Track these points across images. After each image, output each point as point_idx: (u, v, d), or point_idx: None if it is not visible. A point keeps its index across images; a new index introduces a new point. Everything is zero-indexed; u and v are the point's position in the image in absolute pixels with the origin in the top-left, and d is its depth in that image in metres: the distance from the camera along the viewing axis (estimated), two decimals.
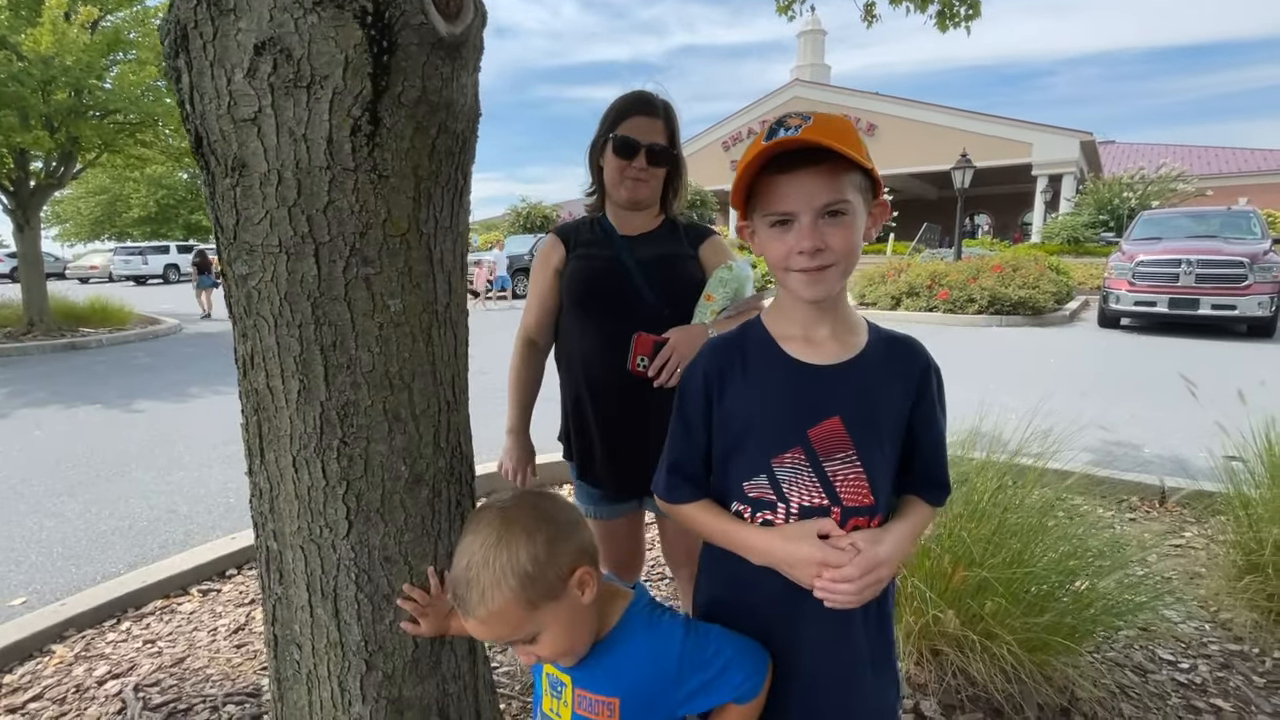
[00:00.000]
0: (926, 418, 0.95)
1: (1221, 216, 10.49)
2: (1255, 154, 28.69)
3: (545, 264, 1.57)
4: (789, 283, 0.89)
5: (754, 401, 0.93)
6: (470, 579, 0.82)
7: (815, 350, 0.93)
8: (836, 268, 0.87)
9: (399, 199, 0.96)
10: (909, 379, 0.94)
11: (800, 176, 0.84)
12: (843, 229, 0.85)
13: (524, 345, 1.61)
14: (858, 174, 0.86)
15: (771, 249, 0.89)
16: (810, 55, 29.65)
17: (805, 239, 0.84)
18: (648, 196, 1.49)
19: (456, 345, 1.11)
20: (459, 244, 1.10)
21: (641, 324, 1.41)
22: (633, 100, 1.48)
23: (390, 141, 0.94)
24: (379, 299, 0.97)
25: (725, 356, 0.96)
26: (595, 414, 1.49)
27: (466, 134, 1.05)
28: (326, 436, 0.99)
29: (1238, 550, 2.27)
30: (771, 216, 0.87)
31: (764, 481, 0.92)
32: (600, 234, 1.54)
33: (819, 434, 0.90)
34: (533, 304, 1.60)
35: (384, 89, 0.91)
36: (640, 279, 1.46)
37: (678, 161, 1.53)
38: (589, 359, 1.49)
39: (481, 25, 1.02)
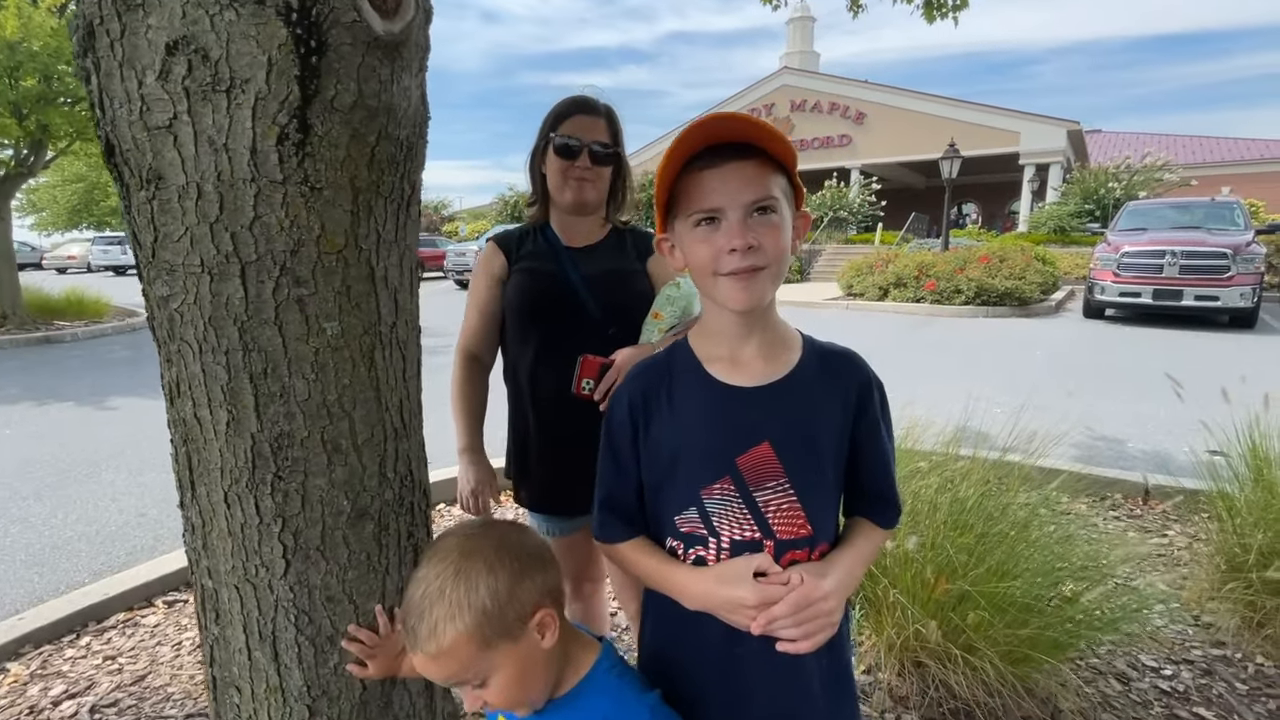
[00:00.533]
0: (869, 435, 0.90)
1: (1205, 207, 10.54)
2: (1239, 143, 28.92)
3: (486, 272, 1.49)
4: (718, 290, 0.82)
5: (679, 429, 0.87)
6: (422, 610, 0.76)
7: (742, 371, 0.87)
8: (768, 271, 0.81)
9: (334, 213, 0.88)
10: (847, 395, 0.88)
11: (727, 170, 0.79)
12: (773, 229, 0.80)
13: (466, 360, 1.52)
14: (783, 178, 0.82)
15: (697, 252, 0.82)
16: (799, 42, 29.43)
17: (736, 236, 0.78)
18: (594, 199, 1.42)
19: (405, 367, 1.04)
20: (407, 258, 1.02)
21: (586, 342, 1.35)
22: (572, 102, 1.41)
23: (323, 151, 0.86)
24: (314, 322, 0.90)
25: (650, 381, 0.91)
26: (537, 437, 1.43)
27: (412, 140, 0.97)
28: (259, 470, 0.91)
29: (1221, 554, 2.25)
30: (697, 214, 0.81)
31: (694, 515, 0.87)
32: (544, 245, 1.46)
33: (748, 462, 0.84)
34: (473, 315, 1.51)
35: (314, 93, 0.83)
36: (586, 295, 1.39)
37: (622, 163, 1.46)
38: (533, 377, 1.42)
39: (425, 22, 0.93)
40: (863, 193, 23.72)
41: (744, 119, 0.77)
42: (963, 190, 27.58)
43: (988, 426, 4.66)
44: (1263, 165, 26.56)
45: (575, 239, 1.46)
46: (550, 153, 1.39)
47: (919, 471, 2.46)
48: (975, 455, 2.63)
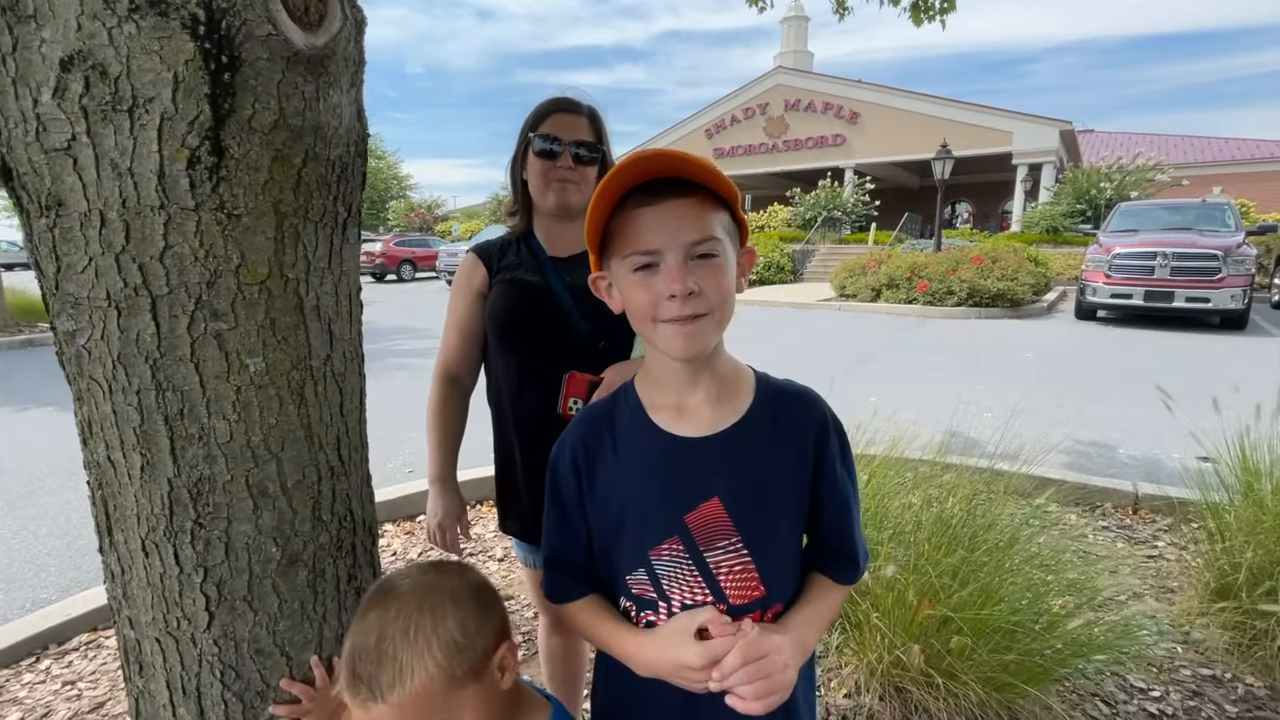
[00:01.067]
0: (828, 484, 0.83)
1: (1196, 208, 10.54)
2: (1230, 143, 29.04)
3: (466, 287, 1.40)
4: (658, 337, 0.77)
5: (624, 484, 0.82)
6: (383, 653, 0.68)
7: (688, 420, 0.81)
8: (710, 317, 0.75)
9: (255, 240, 0.82)
10: (804, 441, 0.82)
11: (665, 209, 0.73)
12: (715, 272, 0.74)
13: (444, 382, 1.43)
14: (724, 213, 0.76)
15: (634, 298, 0.76)
16: (793, 42, 29.38)
17: (675, 280, 0.72)
18: (578, 201, 1.33)
19: (343, 400, 0.97)
20: (344, 284, 0.96)
21: (573, 358, 1.28)
22: (552, 102, 1.33)
23: (240, 175, 0.79)
24: (234, 358, 0.83)
25: (593, 431, 0.85)
26: (523, 460, 1.35)
27: (346, 160, 0.91)
28: (178, 518, 0.84)
29: (1210, 571, 2.20)
30: (634, 257, 0.75)
31: (643, 576, 0.81)
32: (527, 255, 1.37)
33: (697, 520, 0.78)
34: (452, 333, 1.42)
35: (228, 113, 0.76)
36: (572, 308, 1.30)
37: (607, 164, 1.37)
38: (516, 398, 1.34)
39: (356, 34, 0.87)
40: (856, 192, 23.71)
41: (679, 155, 0.71)
42: (956, 190, 27.62)
43: (977, 432, 4.63)
44: (1254, 165, 26.69)
45: (560, 248, 1.37)
46: (530, 155, 1.31)
47: (904, 486, 2.41)
48: (963, 465, 2.58)
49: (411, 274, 21.44)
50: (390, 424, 5.02)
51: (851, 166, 24.90)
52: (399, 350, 8.42)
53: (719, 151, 27.62)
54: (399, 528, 3.36)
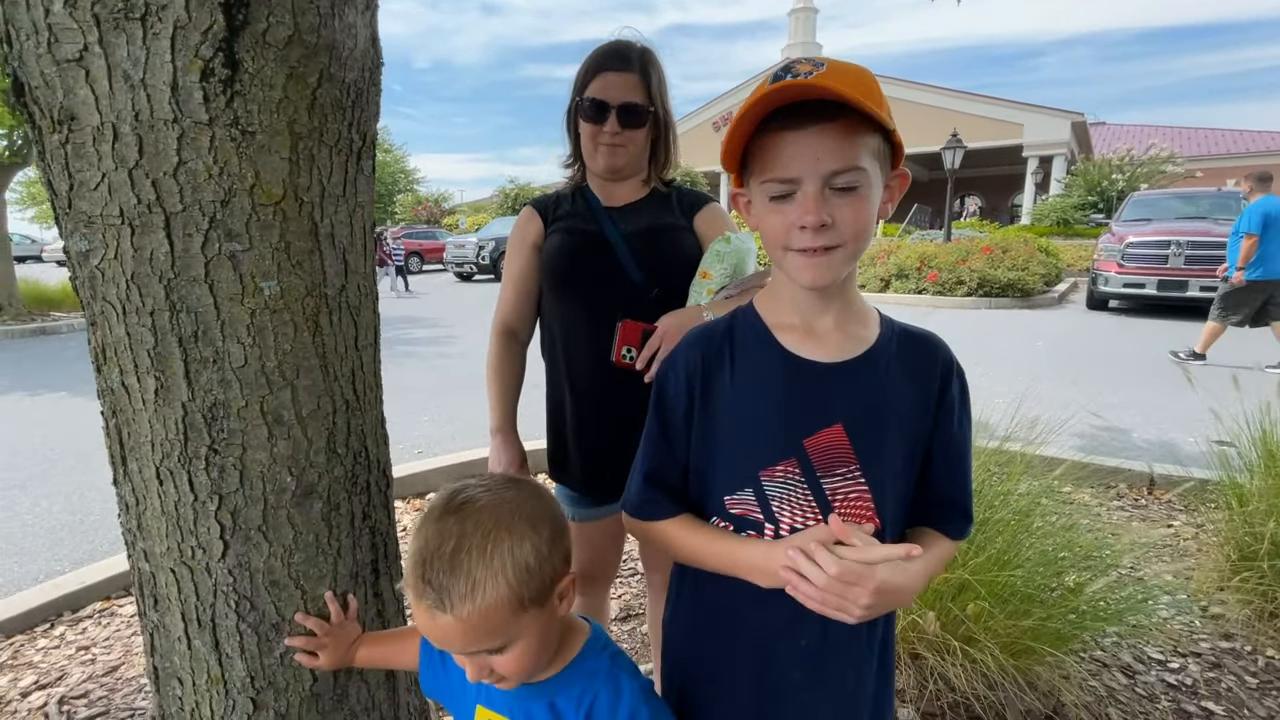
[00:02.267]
0: (946, 430, 0.80)
1: (1211, 198, 10.39)
2: (1244, 135, 28.65)
3: (521, 240, 1.39)
4: (787, 264, 0.75)
5: (742, 403, 0.79)
6: (457, 565, 0.66)
7: (816, 344, 0.78)
8: (844, 249, 0.72)
9: (270, 160, 0.81)
10: (928, 382, 0.79)
11: (807, 135, 0.68)
12: (854, 203, 0.70)
13: (501, 336, 1.42)
14: (876, 137, 0.71)
15: (769, 223, 0.74)
16: (801, 34, 29.16)
17: (809, 212, 0.69)
18: (627, 164, 1.31)
19: (358, 334, 0.96)
20: (358, 215, 0.94)
21: (627, 306, 1.25)
22: (602, 54, 1.28)
23: (255, 90, 0.78)
24: (249, 281, 0.82)
25: (709, 348, 0.82)
26: (574, 410, 1.34)
27: (361, 85, 0.89)
28: (192, 443, 0.83)
29: (1231, 544, 2.17)
30: (771, 184, 0.72)
31: (750, 497, 0.78)
32: (581, 205, 1.36)
33: (817, 444, 0.76)
34: (508, 288, 1.42)
35: (242, 24, 0.75)
36: (626, 255, 1.28)
37: (659, 120, 1.33)
38: (570, 347, 1.32)
39: None
40: None
41: (826, 84, 0.65)
42: (966, 183, 27.40)
43: (989, 415, 4.59)
44: (1269, 158, 26.29)
45: (614, 198, 1.36)
46: (579, 116, 1.30)
47: None
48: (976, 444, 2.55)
49: (419, 266, 21.47)
50: (399, 409, 5.02)
51: None
52: (407, 339, 8.44)
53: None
54: (409, 504, 3.37)
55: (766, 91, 0.68)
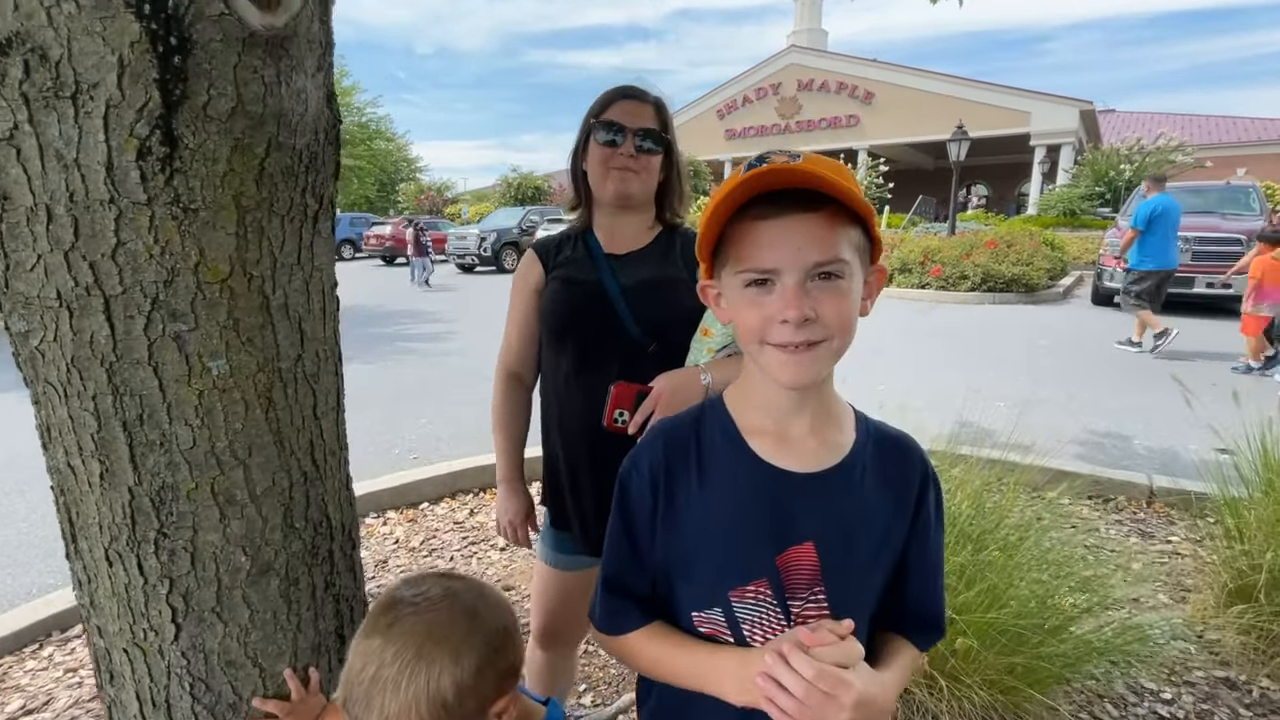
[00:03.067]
0: (921, 542, 0.76)
1: (1219, 191, 10.25)
2: (1256, 123, 28.21)
3: (524, 284, 1.36)
4: (764, 360, 0.69)
5: (710, 513, 0.73)
6: (370, 696, 0.65)
7: (790, 451, 0.73)
8: (828, 345, 0.67)
9: (215, 236, 0.77)
10: (904, 492, 0.75)
11: (788, 224, 0.64)
12: (837, 296, 0.66)
13: (506, 380, 1.40)
14: (856, 230, 0.67)
15: (744, 315, 0.69)
16: (807, 20, 28.79)
17: (790, 305, 0.64)
18: (639, 191, 1.27)
19: (317, 403, 0.93)
20: (315, 280, 0.91)
21: (624, 360, 1.22)
22: (617, 90, 1.27)
23: (197, 166, 0.74)
24: (196, 361, 0.79)
25: (676, 447, 0.76)
26: (566, 467, 1.31)
27: (314, 148, 0.85)
28: (140, 527, 0.81)
29: (1228, 570, 2.14)
30: (747, 274, 0.67)
31: (719, 617, 0.73)
32: (582, 252, 1.32)
33: (788, 562, 0.71)
34: (512, 331, 1.39)
35: (180, 99, 0.71)
36: (624, 308, 1.24)
37: (673, 155, 1.30)
38: (563, 400, 1.29)
39: (320, 12, 0.81)
40: (870, 174, 23.35)
41: (810, 170, 0.62)
42: (972, 172, 27.12)
43: (989, 422, 4.56)
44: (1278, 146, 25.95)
45: (618, 244, 1.32)
46: (592, 143, 1.25)
47: None
48: (973, 457, 2.52)
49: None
50: (398, 409, 5.02)
51: (865, 148, 24.50)
52: (408, 335, 8.42)
53: (730, 133, 27.26)
54: (402, 515, 3.35)
55: (747, 176, 0.63)
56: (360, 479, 3.61)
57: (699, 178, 25.68)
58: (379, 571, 2.75)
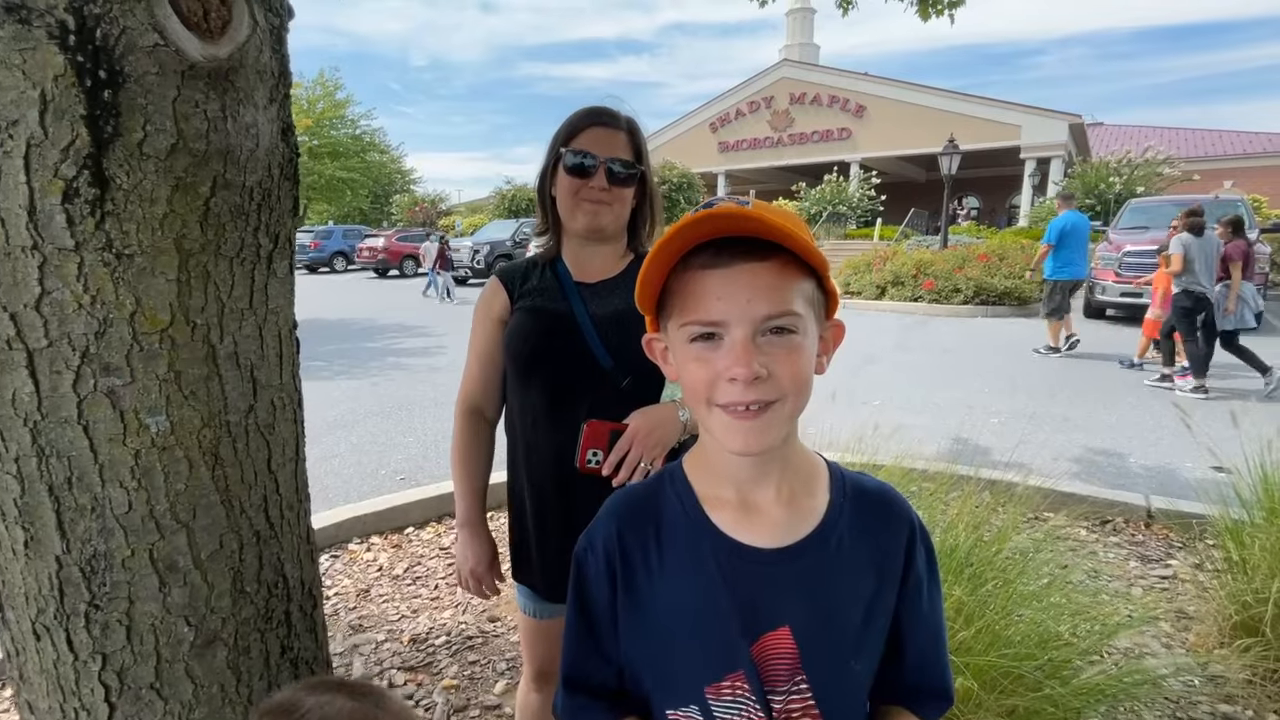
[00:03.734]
0: (914, 609, 0.69)
1: (1208, 205, 10.31)
2: (1241, 136, 28.59)
3: (487, 313, 1.28)
4: (713, 424, 0.62)
5: (674, 601, 0.66)
6: None
7: (756, 524, 0.66)
8: (781, 406, 0.60)
9: (154, 283, 0.71)
10: (890, 556, 0.68)
11: (736, 274, 0.59)
12: (790, 352, 0.60)
13: (467, 416, 1.30)
14: (810, 283, 0.61)
15: (690, 372, 0.62)
16: (799, 34, 29.04)
17: (739, 361, 0.58)
18: (611, 223, 1.21)
19: (271, 456, 0.86)
20: (270, 324, 0.85)
21: (595, 394, 1.15)
22: (587, 113, 1.20)
23: (132, 208, 0.68)
24: (132, 418, 0.72)
25: (633, 527, 0.69)
26: (534, 509, 1.23)
27: (268, 185, 0.79)
28: (69, 599, 0.74)
29: (1233, 602, 2.08)
30: (692, 326, 0.61)
31: (696, 715, 0.67)
32: (550, 281, 1.25)
33: (763, 651, 0.64)
34: (474, 364, 1.30)
35: (112, 137, 0.65)
36: (595, 339, 1.17)
37: (647, 184, 1.24)
38: (530, 438, 1.21)
39: (272, 41, 0.75)
40: (862, 187, 23.47)
41: (756, 214, 0.56)
42: (964, 184, 27.33)
43: (985, 439, 4.52)
44: (1266, 159, 26.25)
45: (589, 273, 1.25)
46: (560, 171, 1.18)
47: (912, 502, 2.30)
48: (971, 478, 2.47)
49: (414, 269, 21.35)
50: (386, 427, 4.94)
51: (857, 160, 24.64)
52: (397, 349, 8.33)
53: (723, 145, 27.39)
54: (386, 540, 3.27)
55: (689, 220, 0.58)
56: (345, 501, 3.54)
57: (693, 190, 25.75)
58: (360, 601, 2.66)
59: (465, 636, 2.36)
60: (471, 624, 2.44)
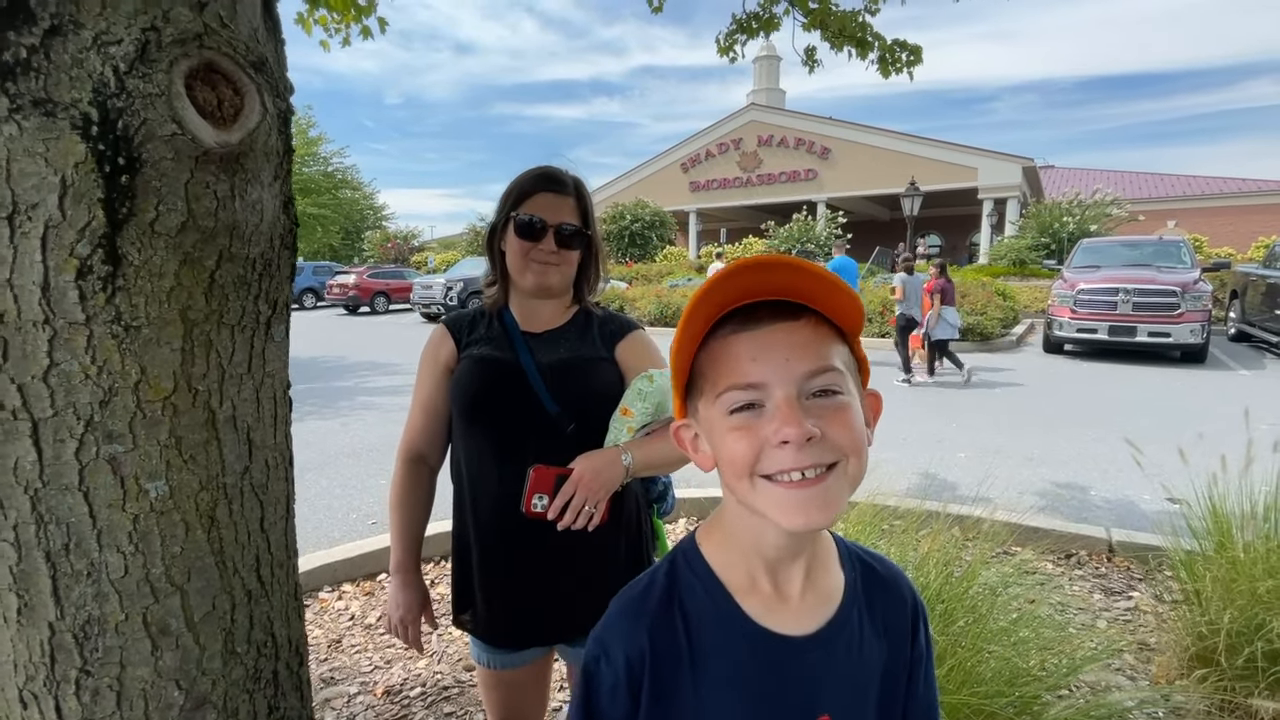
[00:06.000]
0: (913, 689, 0.68)
1: (1154, 245, 10.88)
2: (1181, 179, 30.37)
3: (433, 361, 1.33)
4: (761, 501, 0.56)
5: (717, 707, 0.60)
6: None
7: (786, 609, 0.62)
8: (843, 469, 0.55)
9: (159, 353, 0.74)
10: (900, 634, 0.66)
11: (768, 333, 0.56)
12: (841, 411, 0.55)
13: (407, 463, 1.33)
14: (844, 347, 0.59)
15: (730, 447, 0.56)
16: (766, 80, 30.18)
17: (788, 421, 0.53)
18: (559, 283, 1.28)
19: (264, 515, 0.88)
20: (266, 387, 0.88)
21: (540, 440, 1.19)
22: (536, 176, 1.27)
23: (142, 283, 0.71)
24: (132, 484, 0.74)
25: (657, 626, 0.62)
26: (480, 556, 1.25)
27: (269, 256, 0.83)
28: (60, 666, 0.74)
29: (1190, 633, 2.16)
30: (730, 394, 0.56)
31: None
32: (498, 330, 1.30)
33: None
34: (418, 411, 1.34)
35: (126, 217, 0.69)
36: (541, 386, 1.22)
37: (592, 244, 1.32)
38: (476, 485, 1.24)
39: (279, 124, 0.80)
40: (829, 226, 24.19)
41: (786, 265, 0.54)
42: (925, 223, 28.32)
43: (952, 474, 4.63)
44: (1204, 200, 27.88)
45: (536, 323, 1.30)
46: (510, 232, 1.25)
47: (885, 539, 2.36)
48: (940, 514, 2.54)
49: (385, 306, 21.21)
50: (358, 469, 4.86)
51: (824, 200, 25.44)
52: (368, 388, 8.23)
53: (694, 185, 28.08)
54: (359, 588, 3.20)
55: (718, 279, 0.55)
56: (317, 547, 3.46)
57: (664, 227, 26.23)
58: (331, 653, 2.60)
59: (441, 687, 2.32)
60: (447, 673, 2.40)
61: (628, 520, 1.27)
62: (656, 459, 1.22)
